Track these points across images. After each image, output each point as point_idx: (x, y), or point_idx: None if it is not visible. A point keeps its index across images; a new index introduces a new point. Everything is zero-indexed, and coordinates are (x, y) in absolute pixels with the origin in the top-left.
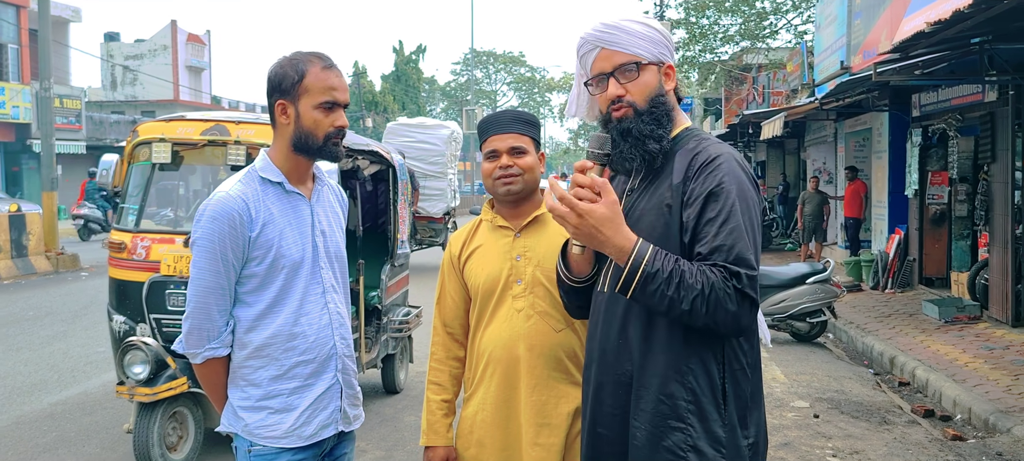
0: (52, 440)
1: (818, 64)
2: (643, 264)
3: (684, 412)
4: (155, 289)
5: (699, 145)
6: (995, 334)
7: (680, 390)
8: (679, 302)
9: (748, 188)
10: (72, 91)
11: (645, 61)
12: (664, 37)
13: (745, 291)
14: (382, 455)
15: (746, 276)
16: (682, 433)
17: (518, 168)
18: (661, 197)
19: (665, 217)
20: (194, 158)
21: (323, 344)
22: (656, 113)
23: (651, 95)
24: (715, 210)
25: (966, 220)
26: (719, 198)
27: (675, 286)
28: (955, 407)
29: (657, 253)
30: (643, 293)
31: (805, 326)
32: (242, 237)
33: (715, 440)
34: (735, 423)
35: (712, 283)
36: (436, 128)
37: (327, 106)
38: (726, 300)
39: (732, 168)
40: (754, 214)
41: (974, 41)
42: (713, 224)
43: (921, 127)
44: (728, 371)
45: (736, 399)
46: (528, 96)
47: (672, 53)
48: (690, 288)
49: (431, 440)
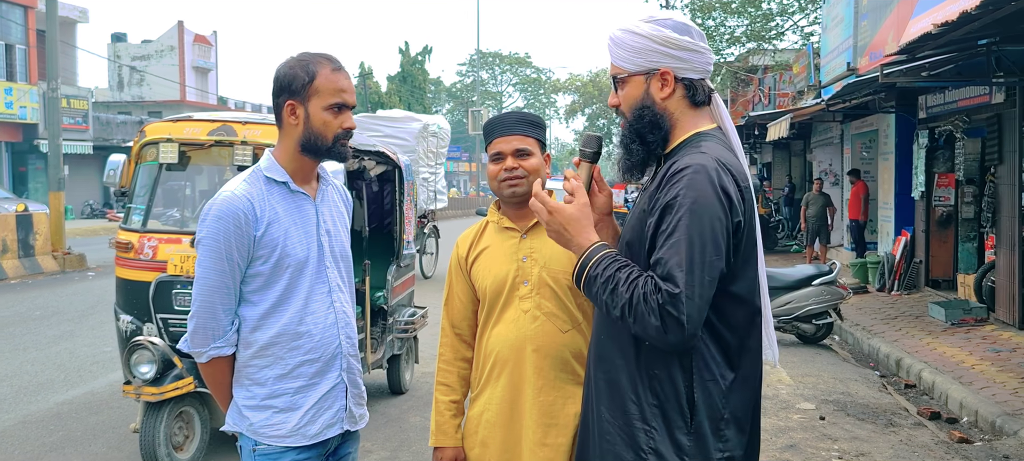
0: (59, 439)
1: (824, 66)
2: (587, 267)
3: (649, 415)
4: (162, 289)
5: (682, 154)
6: (1002, 336)
7: (647, 394)
8: (612, 308)
9: (707, 203)
10: (79, 91)
11: (626, 73)
12: (659, 41)
13: (665, 307)
14: (387, 455)
15: (667, 292)
16: (646, 434)
17: (523, 170)
18: (643, 202)
19: (642, 222)
20: (201, 158)
21: (328, 343)
22: (636, 126)
23: (633, 106)
24: (666, 222)
25: (973, 222)
26: (671, 211)
27: (608, 292)
28: (961, 409)
29: (603, 258)
30: (588, 293)
31: (811, 328)
32: (247, 236)
33: (677, 447)
34: (705, 433)
35: (640, 295)
36: (405, 121)
37: (337, 108)
38: (649, 314)
39: (695, 181)
40: (706, 230)
41: (981, 43)
42: (661, 236)
43: (928, 129)
44: (697, 381)
45: (708, 410)
46: (534, 97)
47: (674, 54)
48: (619, 297)
49: (440, 441)
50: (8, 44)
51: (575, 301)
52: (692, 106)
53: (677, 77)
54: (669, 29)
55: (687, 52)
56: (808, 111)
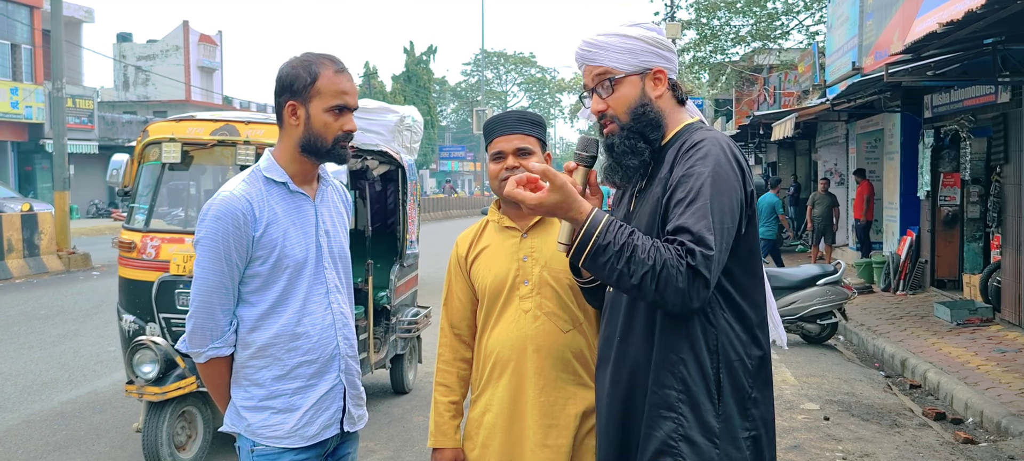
0: (62, 439)
1: (829, 65)
2: (594, 235)
3: (675, 402)
4: (164, 288)
5: (689, 136)
6: (1007, 337)
7: (671, 380)
8: (628, 276)
9: (725, 171)
10: (84, 91)
11: (622, 74)
12: (650, 42)
13: (698, 269)
14: (390, 455)
15: (701, 254)
16: (673, 422)
17: (524, 169)
18: (656, 194)
19: (659, 210)
20: (204, 158)
21: (326, 344)
22: (638, 126)
23: (631, 107)
24: (684, 191)
25: (978, 222)
26: (689, 180)
27: (625, 260)
28: (966, 410)
29: (611, 226)
30: (593, 264)
31: (816, 328)
32: (246, 237)
33: (708, 430)
34: (732, 414)
35: (665, 260)
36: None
37: (338, 110)
38: (677, 277)
39: (710, 151)
40: (726, 197)
41: (987, 42)
42: (681, 204)
43: (933, 128)
44: (723, 361)
45: (734, 390)
46: (538, 97)
47: (664, 55)
48: (641, 263)
49: (439, 442)
50: (13, 44)
51: (576, 301)
52: (678, 104)
53: (667, 76)
54: (656, 32)
55: (671, 53)
56: (813, 111)
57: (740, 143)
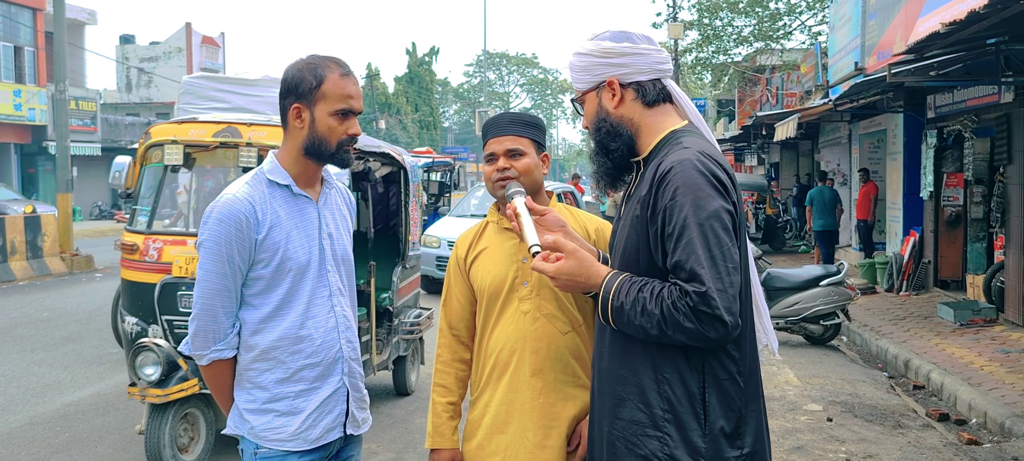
0: (65, 441)
1: (832, 65)
2: (610, 299)
3: (660, 421)
4: (167, 291)
5: (666, 153)
6: (1011, 337)
7: (656, 399)
8: (649, 328)
9: (705, 195)
10: (87, 93)
11: (580, 93)
12: (598, 55)
13: (697, 308)
14: (393, 457)
15: (694, 293)
16: (659, 442)
17: (514, 170)
18: (634, 208)
19: (637, 229)
20: (206, 160)
21: (329, 347)
22: (598, 137)
23: (592, 119)
24: (671, 225)
25: (982, 222)
26: (673, 212)
27: (639, 314)
28: (970, 411)
29: (622, 286)
30: (619, 323)
31: (818, 329)
32: (248, 239)
33: (694, 450)
34: (718, 434)
35: (669, 304)
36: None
37: (343, 113)
38: (682, 319)
39: (686, 178)
40: (713, 221)
41: (990, 42)
42: (670, 239)
43: (936, 128)
44: (710, 381)
45: (725, 409)
46: (541, 98)
47: (613, 62)
48: (651, 315)
49: (436, 443)
50: (17, 46)
51: (575, 302)
52: (648, 107)
53: (622, 83)
54: (607, 40)
55: (626, 57)
56: (816, 111)
57: (742, 143)
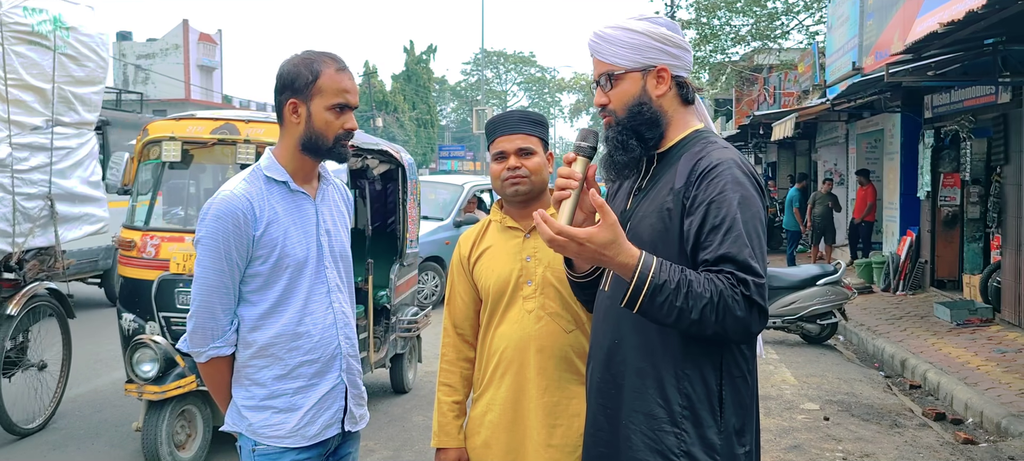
0: (61, 437)
1: (830, 65)
2: (649, 277)
3: (679, 417)
4: (164, 287)
5: (703, 150)
6: (1007, 337)
7: (676, 395)
8: (689, 312)
9: (751, 195)
10: None
11: (623, 70)
12: (656, 38)
13: (753, 297)
14: (390, 455)
15: (753, 283)
16: (676, 437)
17: (526, 169)
18: (663, 201)
19: (665, 222)
20: (204, 157)
21: (327, 344)
22: (633, 123)
23: (629, 103)
24: (718, 218)
25: (978, 222)
26: (722, 206)
27: (684, 296)
28: (967, 410)
29: (662, 265)
30: (651, 306)
31: (815, 328)
32: (246, 236)
33: (709, 446)
34: (732, 431)
35: (720, 291)
36: None
37: (339, 108)
38: (735, 307)
39: (734, 175)
40: (758, 221)
41: (987, 42)
42: (717, 232)
43: (933, 129)
44: (726, 377)
45: (736, 406)
46: (538, 96)
47: (670, 52)
48: (699, 297)
49: (443, 442)
50: None
51: (578, 301)
52: (683, 104)
53: (672, 75)
54: (664, 27)
55: (680, 49)
56: (813, 111)
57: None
